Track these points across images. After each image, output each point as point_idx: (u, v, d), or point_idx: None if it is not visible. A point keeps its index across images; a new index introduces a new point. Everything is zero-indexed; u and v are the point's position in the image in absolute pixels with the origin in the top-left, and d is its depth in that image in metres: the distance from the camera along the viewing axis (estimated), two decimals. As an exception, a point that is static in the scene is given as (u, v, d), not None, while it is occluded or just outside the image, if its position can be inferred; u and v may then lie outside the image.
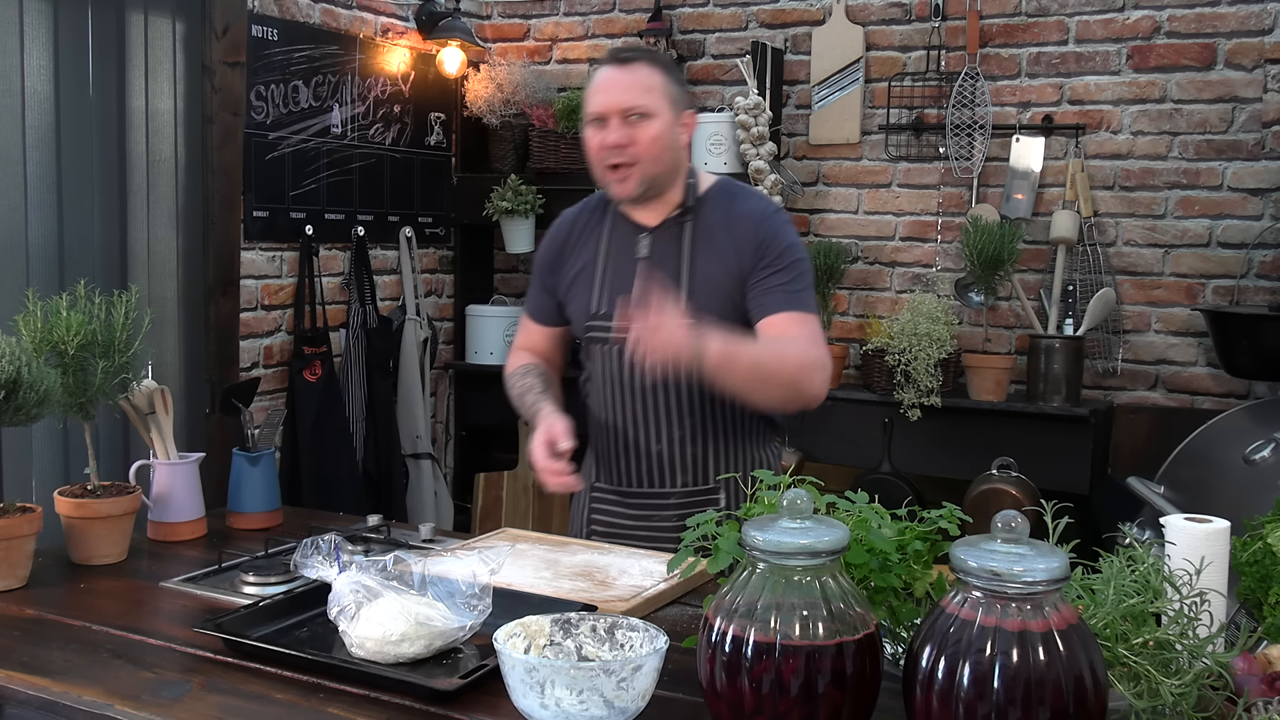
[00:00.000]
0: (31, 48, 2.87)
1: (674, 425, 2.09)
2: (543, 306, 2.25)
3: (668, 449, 2.10)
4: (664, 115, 2.02)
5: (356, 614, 1.47)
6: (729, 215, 2.08)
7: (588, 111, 2.05)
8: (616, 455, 2.14)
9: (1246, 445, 2.77)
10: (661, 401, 2.08)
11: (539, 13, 4.42)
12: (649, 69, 2.03)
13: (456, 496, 4.31)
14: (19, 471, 2.85)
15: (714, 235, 2.06)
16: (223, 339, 3.39)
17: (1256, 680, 1.19)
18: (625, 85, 2.01)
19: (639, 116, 2.00)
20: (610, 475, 2.17)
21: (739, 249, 2.03)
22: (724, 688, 1.18)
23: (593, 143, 2.05)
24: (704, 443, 2.10)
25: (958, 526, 1.40)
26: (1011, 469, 3.42)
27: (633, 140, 2.00)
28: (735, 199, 2.11)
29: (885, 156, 3.90)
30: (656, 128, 2.01)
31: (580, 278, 2.15)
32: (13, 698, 1.45)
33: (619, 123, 2.00)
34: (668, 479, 2.12)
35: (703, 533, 1.42)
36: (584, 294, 2.14)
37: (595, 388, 2.16)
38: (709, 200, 2.10)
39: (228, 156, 3.37)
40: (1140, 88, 3.57)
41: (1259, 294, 3.45)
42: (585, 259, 2.16)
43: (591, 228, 2.18)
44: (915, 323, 3.49)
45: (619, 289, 2.07)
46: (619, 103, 2.00)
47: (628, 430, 2.11)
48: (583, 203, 2.25)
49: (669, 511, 2.10)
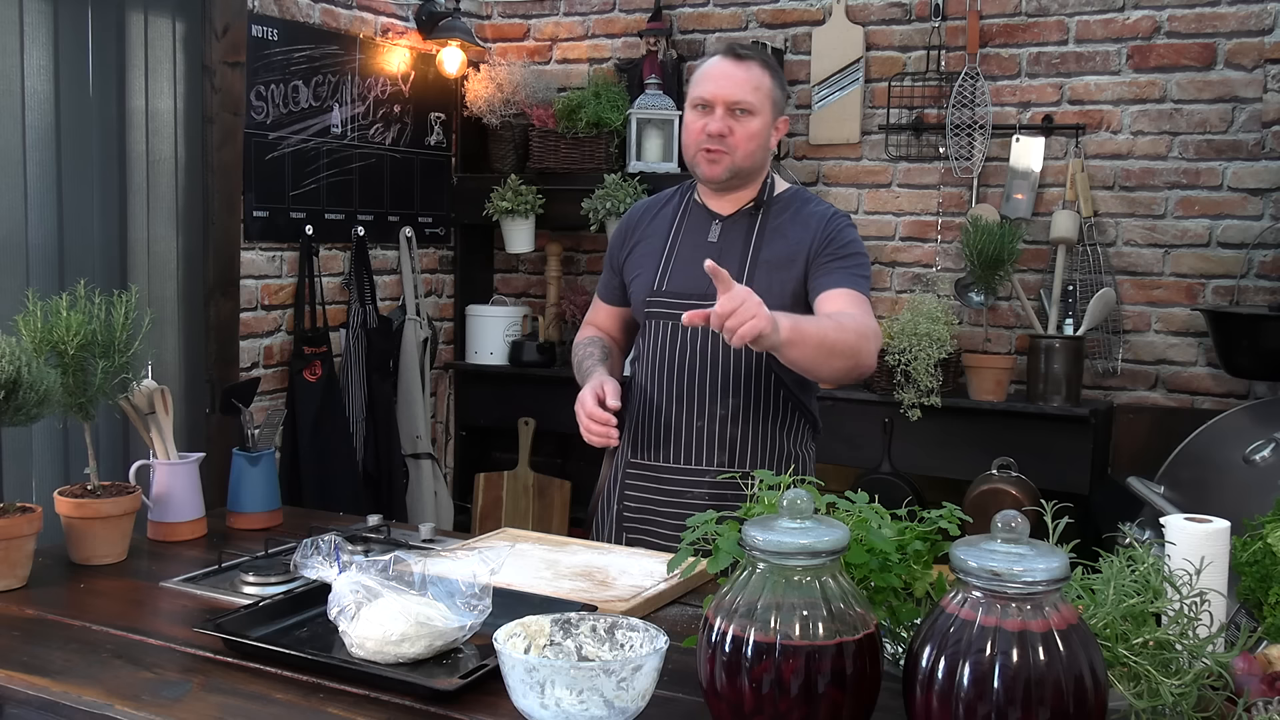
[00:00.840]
0: (31, 48, 2.87)
1: (717, 404, 2.15)
2: (609, 285, 2.37)
3: (708, 426, 2.16)
4: (764, 115, 2.14)
5: (356, 614, 1.47)
6: (799, 214, 2.20)
7: (695, 95, 2.15)
8: (656, 431, 2.19)
9: (1246, 445, 2.77)
10: (709, 379, 2.15)
11: (539, 13, 4.42)
12: (761, 69, 2.14)
13: (456, 496, 4.31)
14: (19, 471, 2.85)
15: (782, 230, 2.18)
16: (223, 339, 3.39)
17: (1256, 680, 1.19)
18: (737, 80, 2.12)
19: (743, 112, 2.12)
20: (647, 452, 2.21)
21: (804, 240, 2.15)
22: (724, 688, 1.18)
23: (694, 125, 2.15)
24: (744, 425, 2.16)
25: (958, 526, 1.40)
26: (1011, 469, 3.42)
27: (732, 132, 2.12)
28: (808, 203, 2.23)
29: (885, 156, 3.90)
30: (756, 125, 2.13)
31: (646, 257, 2.26)
32: (13, 698, 1.45)
33: (724, 113, 2.12)
34: (704, 457, 2.16)
35: (703, 533, 1.42)
36: (648, 271, 2.24)
37: (644, 364, 2.23)
38: (781, 200, 2.22)
39: (228, 156, 3.37)
40: (1140, 88, 3.57)
41: (1259, 294, 3.45)
42: (654, 240, 2.26)
43: (666, 214, 2.30)
44: (915, 323, 3.49)
45: (684, 269, 2.17)
46: (728, 94, 2.11)
47: (671, 406, 2.18)
48: (658, 194, 2.38)
49: (702, 490, 2.15)
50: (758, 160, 2.16)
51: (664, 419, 2.18)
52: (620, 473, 2.27)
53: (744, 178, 2.17)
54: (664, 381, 2.18)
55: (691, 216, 2.25)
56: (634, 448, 2.24)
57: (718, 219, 2.22)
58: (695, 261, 2.13)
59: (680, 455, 2.18)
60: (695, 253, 2.17)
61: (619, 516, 2.24)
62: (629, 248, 2.30)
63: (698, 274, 1.98)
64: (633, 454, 2.24)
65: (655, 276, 2.22)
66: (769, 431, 2.18)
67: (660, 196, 2.35)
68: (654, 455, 2.20)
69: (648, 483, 2.21)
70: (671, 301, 2.18)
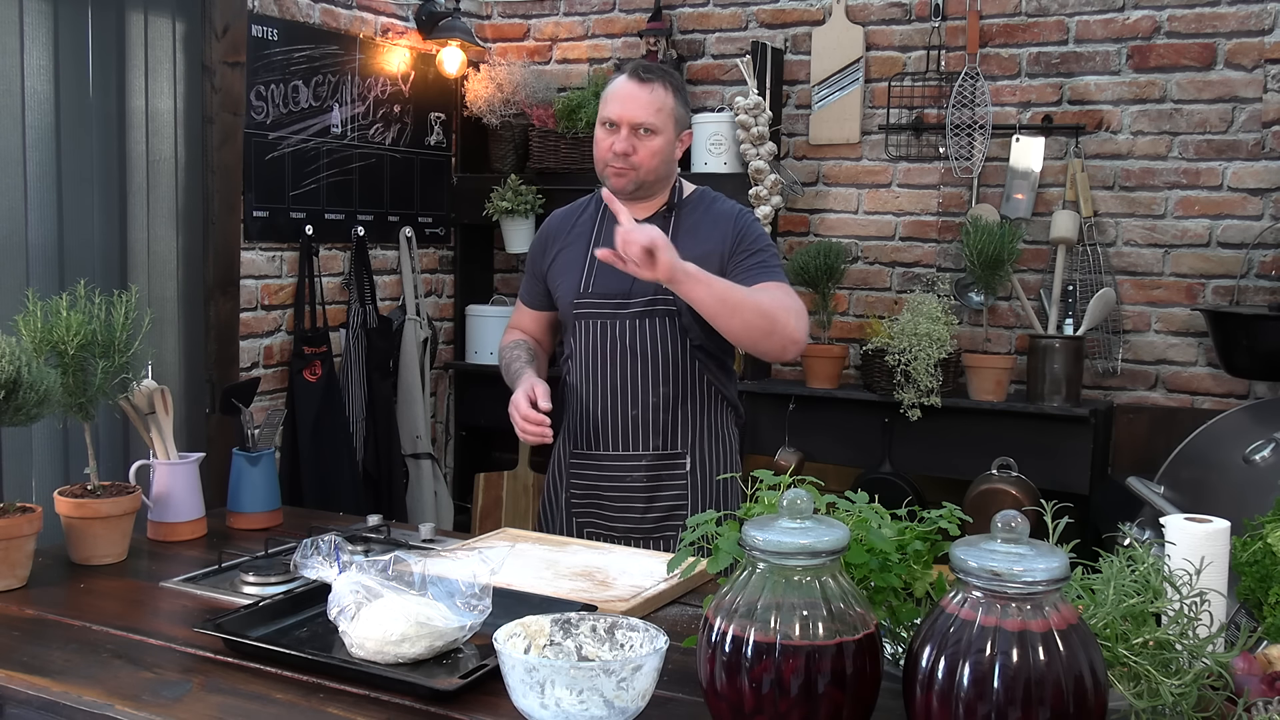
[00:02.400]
0: (31, 48, 2.87)
1: (648, 393, 2.33)
2: (532, 291, 2.52)
3: (642, 414, 2.33)
4: (667, 133, 2.31)
5: (356, 614, 1.47)
6: (709, 212, 2.38)
7: (603, 114, 2.33)
8: (593, 422, 2.36)
9: (1246, 445, 2.78)
10: (639, 371, 2.32)
11: (539, 13, 4.42)
12: (663, 91, 2.30)
13: (456, 496, 4.31)
14: (19, 471, 2.85)
15: (695, 229, 2.35)
16: (223, 339, 3.39)
17: (1256, 680, 1.19)
18: (641, 103, 2.29)
19: (646, 131, 2.29)
20: (586, 442, 2.38)
21: (717, 239, 2.32)
22: (724, 688, 1.18)
23: (603, 142, 2.33)
24: (673, 411, 2.34)
25: (958, 526, 1.40)
26: (1011, 469, 3.42)
27: (635, 150, 2.29)
28: (715, 201, 2.41)
29: (885, 156, 3.90)
30: (658, 144, 2.30)
31: (570, 263, 2.40)
32: (13, 698, 1.45)
33: (628, 133, 2.29)
34: (639, 443, 2.34)
35: (703, 533, 1.42)
36: (573, 276, 2.39)
37: (577, 361, 2.38)
38: (690, 203, 2.40)
39: (228, 156, 3.37)
40: (1140, 88, 3.57)
41: (1259, 294, 3.45)
42: (576, 247, 2.41)
43: (584, 222, 2.45)
44: (915, 323, 3.49)
45: (606, 271, 2.26)
46: (632, 116, 2.28)
47: (605, 398, 2.34)
48: (574, 203, 2.52)
49: (640, 473, 2.34)
50: (661, 173, 2.33)
51: (600, 410, 2.35)
52: (564, 465, 2.44)
53: (650, 188, 2.34)
54: (597, 376, 2.35)
55: (609, 222, 2.30)
56: (574, 439, 2.40)
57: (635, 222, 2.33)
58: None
59: (618, 443, 2.35)
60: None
61: (568, 504, 2.42)
62: (551, 255, 2.44)
63: (619, 275, 2.14)
64: (574, 445, 2.40)
65: (580, 280, 2.37)
66: (696, 415, 2.36)
67: (575, 206, 2.49)
68: (594, 445, 2.37)
69: (590, 470, 2.38)
70: (598, 302, 2.34)
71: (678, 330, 2.32)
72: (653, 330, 2.32)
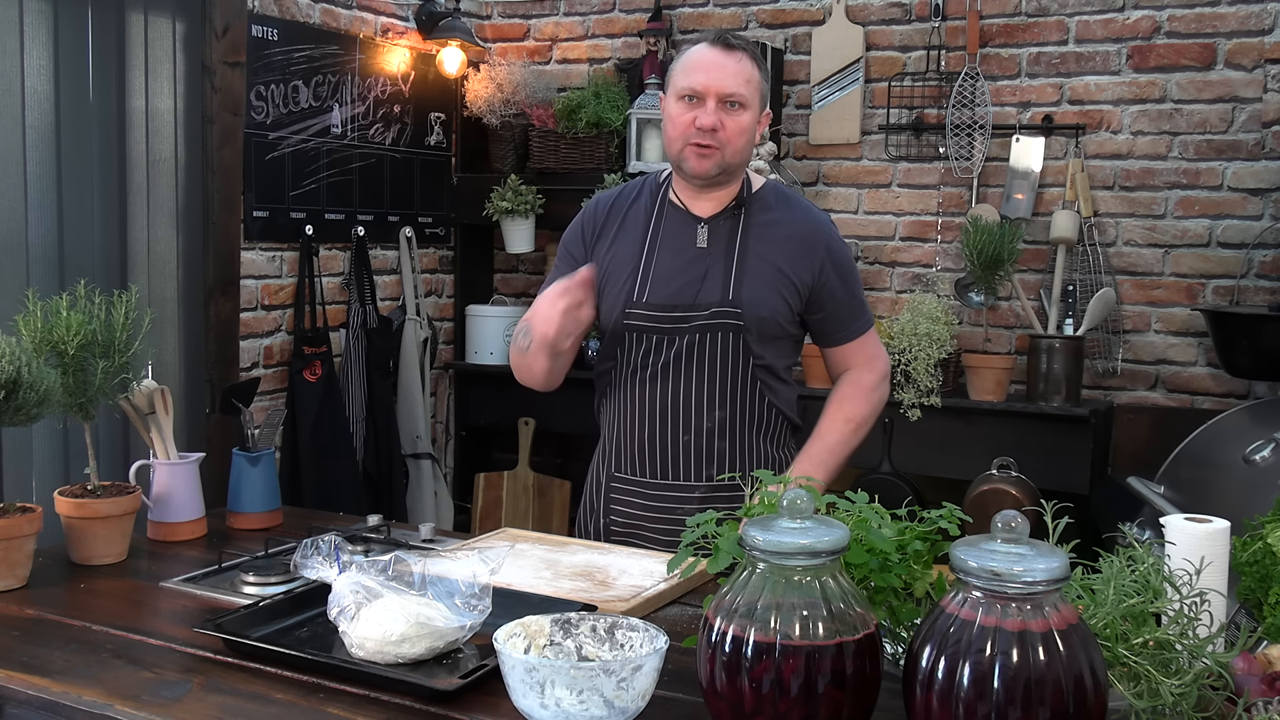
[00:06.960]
0: (31, 48, 2.87)
1: (704, 417, 2.09)
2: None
3: (694, 441, 2.09)
4: (754, 109, 2.05)
5: (356, 614, 1.47)
6: (787, 216, 2.13)
7: (682, 85, 2.04)
8: (639, 446, 2.12)
9: (1246, 445, 2.77)
10: (694, 393, 2.08)
11: (539, 13, 4.42)
12: (750, 62, 2.05)
13: (456, 496, 4.31)
14: (19, 471, 2.85)
15: (769, 231, 2.10)
16: (223, 339, 3.39)
17: (1256, 680, 1.19)
18: (730, 72, 2.02)
19: (735, 105, 2.02)
20: (632, 467, 2.14)
21: (805, 261, 2.10)
22: (724, 688, 1.18)
23: (681, 118, 2.04)
24: (730, 437, 2.10)
25: (958, 526, 1.40)
26: (1011, 469, 3.42)
27: (724, 126, 2.02)
28: (789, 200, 2.17)
29: (885, 156, 3.90)
30: (747, 119, 2.04)
31: (621, 263, 2.12)
32: (13, 698, 1.45)
33: (716, 106, 2.01)
34: (693, 472, 2.11)
35: (703, 533, 1.42)
36: (625, 280, 2.11)
37: (625, 377, 2.14)
38: (761, 199, 2.14)
39: (228, 156, 3.37)
40: (1140, 88, 3.57)
41: (1259, 294, 3.45)
42: (629, 243, 2.14)
43: (637, 214, 2.16)
44: (915, 323, 3.49)
45: (667, 279, 2.08)
46: (722, 87, 2.01)
47: (656, 421, 2.10)
48: (620, 188, 2.23)
49: (691, 505, 2.06)
50: (745, 156, 2.08)
51: (647, 433, 2.11)
52: (603, 487, 2.20)
53: (730, 174, 2.08)
54: (646, 395, 2.11)
55: (669, 220, 2.13)
56: (616, 461, 2.17)
57: (701, 223, 2.12)
58: (680, 271, 2.09)
59: (667, 471, 2.12)
60: (680, 261, 2.10)
61: (606, 530, 2.18)
62: (597, 248, 2.16)
63: (681, 285, 1.98)
64: (615, 468, 2.17)
65: (635, 286, 2.10)
66: (754, 440, 2.13)
67: (627, 190, 2.21)
68: (638, 470, 2.14)
69: (633, 498, 2.15)
70: (654, 315, 2.08)
71: (740, 346, 2.07)
72: (713, 346, 2.06)
